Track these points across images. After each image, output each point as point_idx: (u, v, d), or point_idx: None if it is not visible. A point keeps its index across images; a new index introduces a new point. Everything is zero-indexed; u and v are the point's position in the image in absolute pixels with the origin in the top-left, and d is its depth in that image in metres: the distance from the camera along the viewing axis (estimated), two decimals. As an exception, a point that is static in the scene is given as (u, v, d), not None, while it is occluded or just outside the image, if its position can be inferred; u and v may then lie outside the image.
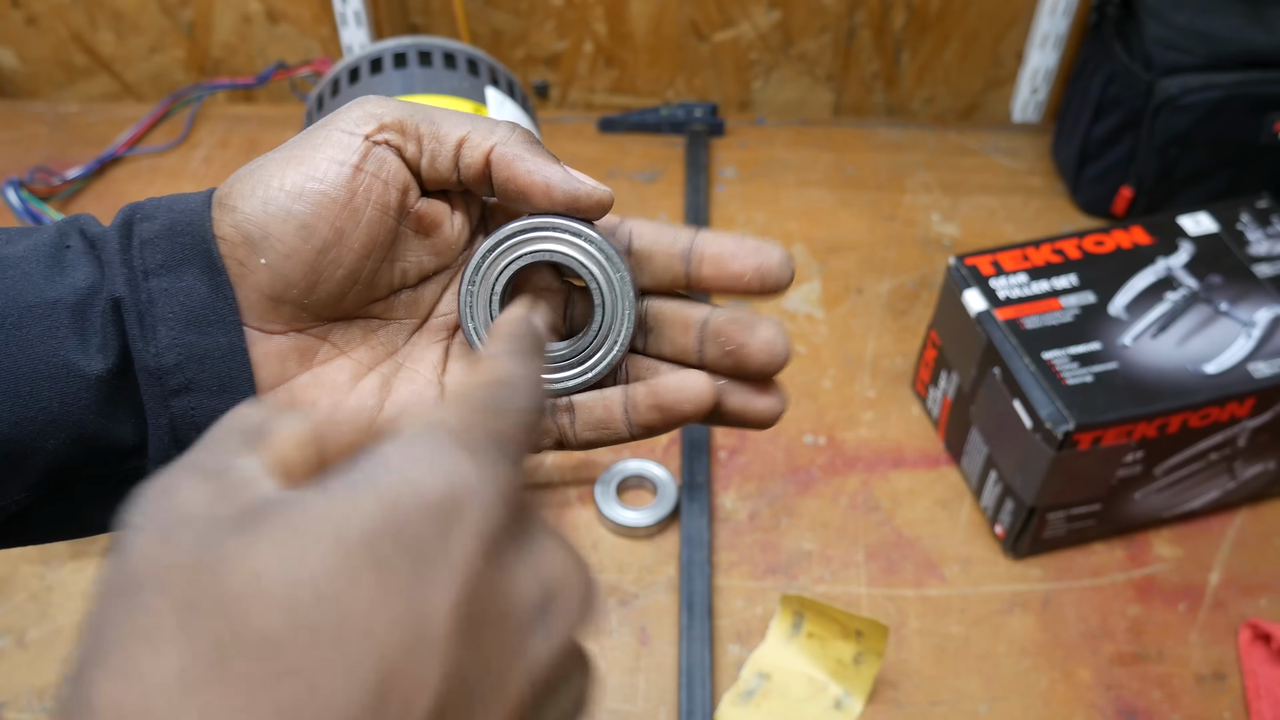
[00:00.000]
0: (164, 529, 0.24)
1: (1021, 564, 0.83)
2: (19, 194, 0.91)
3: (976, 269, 0.84)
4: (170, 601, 0.22)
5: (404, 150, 0.39)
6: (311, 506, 0.24)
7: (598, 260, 0.40)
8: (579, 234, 0.40)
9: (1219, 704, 0.76)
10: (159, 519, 0.24)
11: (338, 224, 0.37)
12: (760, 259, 0.40)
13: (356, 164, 0.38)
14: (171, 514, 0.24)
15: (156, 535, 0.24)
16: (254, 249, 0.37)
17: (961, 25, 1.17)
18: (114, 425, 0.37)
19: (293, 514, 0.23)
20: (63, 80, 1.24)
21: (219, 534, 0.23)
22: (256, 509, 0.24)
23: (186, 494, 0.25)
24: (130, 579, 0.23)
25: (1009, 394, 0.78)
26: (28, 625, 0.78)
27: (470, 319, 0.41)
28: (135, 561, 0.24)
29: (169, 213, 0.38)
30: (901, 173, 1.14)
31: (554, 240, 0.40)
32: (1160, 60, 0.98)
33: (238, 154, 1.13)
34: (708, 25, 1.18)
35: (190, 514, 0.24)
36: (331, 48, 1.19)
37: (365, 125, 0.38)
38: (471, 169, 0.39)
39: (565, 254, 0.40)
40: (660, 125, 1.16)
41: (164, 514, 0.24)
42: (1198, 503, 0.84)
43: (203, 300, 0.37)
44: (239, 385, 0.38)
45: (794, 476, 0.88)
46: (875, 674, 0.75)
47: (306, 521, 0.23)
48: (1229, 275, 0.83)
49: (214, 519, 0.24)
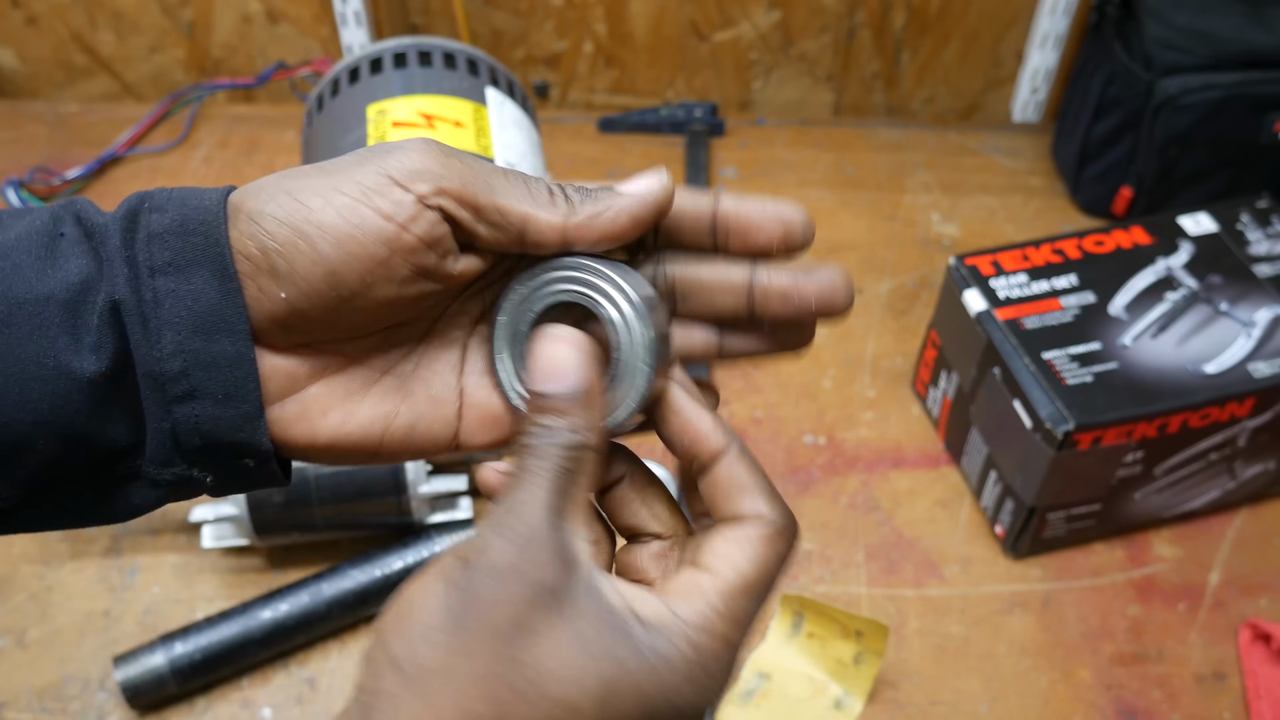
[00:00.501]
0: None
1: (1021, 564, 0.83)
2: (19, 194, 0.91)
3: (976, 269, 0.84)
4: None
5: (459, 219, 0.37)
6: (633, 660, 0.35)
7: (622, 310, 0.39)
8: (607, 278, 0.39)
9: (1219, 704, 0.76)
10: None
11: (368, 278, 0.37)
12: (784, 227, 0.40)
13: (403, 223, 0.36)
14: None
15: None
16: (276, 279, 0.36)
17: (961, 25, 1.17)
18: (107, 427, 0.36)
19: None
20: (63, 80, 1.24)
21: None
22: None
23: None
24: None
25: (1009, 394, 0.78)
26: (28, 625, 0.78)
27: (500, 355, 0.40)
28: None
29: (181, 207, 0.37)
30: (901, 173, 1.14)
31: (580, 282, 0.39)
32: (1160, 60, 0.98)
33: (238, 154, 1.13)
34: (708, 25, 1.18)
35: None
36: (331, 48, 1.19)
37: (422, 184, 0.37)
38: (538, 247, 0.39)
39: (586, 294, 0.39)
40: (660, 125, 1.16)
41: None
42: (1198, 503, 0.84)
43: (211, 305, 0.36)
44: (246, 395, 0.37)
45: (794, 476, 0.88)
46: (875, 674, 0.75)
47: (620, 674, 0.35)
48: (1229, 275, 0.83)
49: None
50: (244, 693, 0.76)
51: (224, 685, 0.76)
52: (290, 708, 0.75)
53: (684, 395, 0.40)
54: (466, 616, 0.34)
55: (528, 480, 0.37)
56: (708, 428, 0.40)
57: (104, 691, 0.75)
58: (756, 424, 0.91)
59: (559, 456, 0.37)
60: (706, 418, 0.40)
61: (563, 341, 0.38)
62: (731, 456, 0.39)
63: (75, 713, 0.74)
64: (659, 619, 0.36)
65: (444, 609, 0.35)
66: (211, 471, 0.38)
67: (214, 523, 0.78)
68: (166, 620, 0.78)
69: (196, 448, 0.37)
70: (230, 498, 0.75)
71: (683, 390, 0.40)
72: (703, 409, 0.40)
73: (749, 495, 0.39)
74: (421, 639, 0.35)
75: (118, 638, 0.77)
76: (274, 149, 1.14)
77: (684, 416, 0.40)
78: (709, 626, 0.37)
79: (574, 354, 0.38)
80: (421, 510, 0.79)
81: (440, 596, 0.35)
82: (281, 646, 0.76)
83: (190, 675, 0.73)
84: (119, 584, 0.81)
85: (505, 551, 0.35)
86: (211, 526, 0.78)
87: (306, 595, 0.76)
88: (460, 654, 0.34)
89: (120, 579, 0.81)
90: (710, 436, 0.40)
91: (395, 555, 0.78)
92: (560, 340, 0.38)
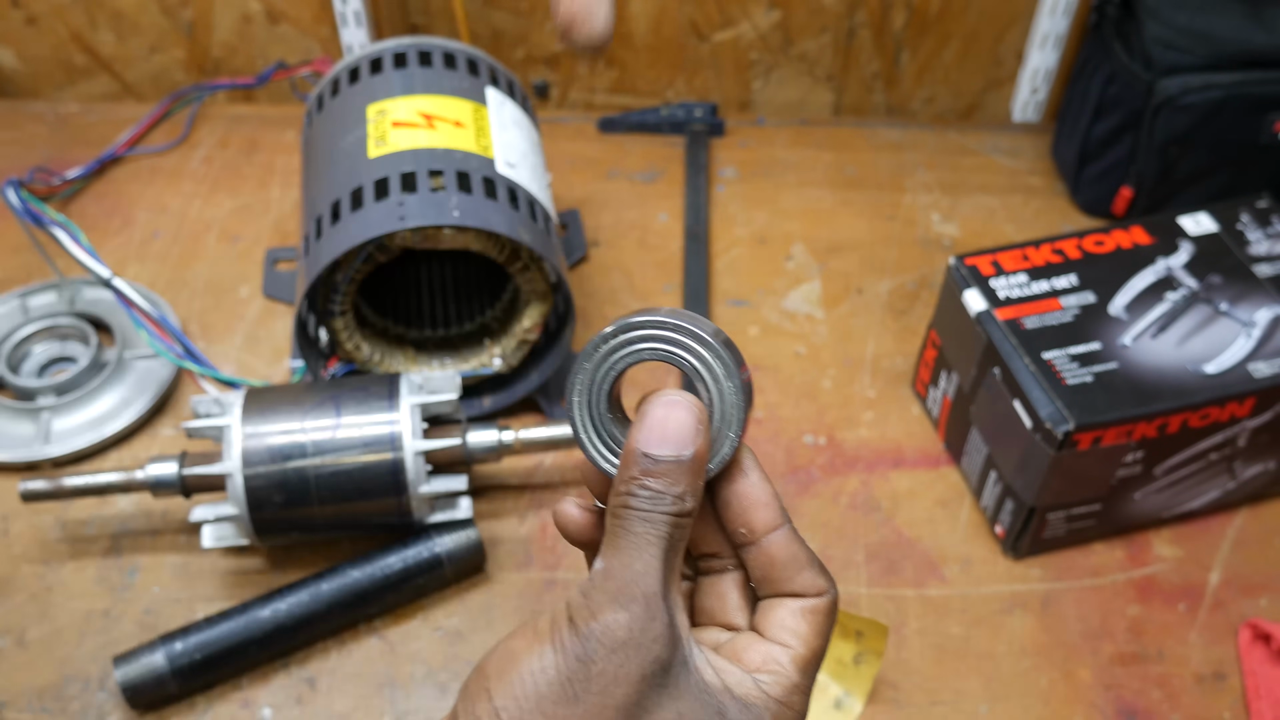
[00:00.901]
0: None
1: (1021, 564, 0.83)
2: (19, 194, 0.91)
3: (976, 269, 0.84)
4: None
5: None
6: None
7: (708, 363, 0.40)
8: (691, 334, 0.39)
9: (1219, 704, 0.76)
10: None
11: None
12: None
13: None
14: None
15: None
16: None
17: (961, 25, 1.17)
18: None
19: None
20: (63, 80, 1.24)
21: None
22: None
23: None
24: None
25: (1009, 394, 0.78)
26: (28, 625, 0.78)
27: (579, 410, 0.41)
28: None
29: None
30: (901, 173, 1.14)
31: (660, 339, 0.40)
32: (1160, 60, 0.98)
33: (238, 154, 1.13)
34: (708, 25, 1.18)
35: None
36: (331, 48, 1.19)
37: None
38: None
39: (672, 353, 0.40)
40: (660, 125, 1.16)
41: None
42: (1198, 503, 0.84)
43: None
44: None
45: (794, 476, 0.88)
46: (875, 674, 0.75)
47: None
48: (1229, 275, 0.83)
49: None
50: (244, 692, 0.76)
51: (224, 685, 0.76)
52: (290, 708, 0.75)
53: (754, 462, 0.41)
54: (584, 689, 0.35)
55: (640, 546, 0.37)
56: (769, 497, 0.41)
57: (104, 691, 0.75)
58: (756, 424, 0.91)
59: (668, 524, 0.38)
60: (769, 489, 0.41)
61: (678, 406, 0.39)
62: (788, 531, 0.41)
63: (75, 713, 0.74)
64: (748, 695, 0.38)
65: (557, 678, 0.36)
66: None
67: (214, 523, 0.78)
68: (166, 620, 0.78)
69: None
70: (230, 497, 0.75)
71: (753, 458, 0.41)
72: (766, 481, 0.41)
73: (808, 570, 0.41)
74: (533, 705, 0.36)
75: (118, 638, 0.77)
76: (274, 149, 1.14)
77: (751, 480, 0.41)
78: (790, 701, 0.39)
79: (690, 420, 0.38)
80: (421, 510, 0.79)
81: (552, 663, 0.36)
82: (281, 646, 0.76)
83: (190, 675, 0.73)
84: (119, 584, 0.81)
85: (624, 623, 0.36)
86: (211, 526, 0.78)
87: (306, 595, 0.76)
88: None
89: (120, 579, 0.81)
90: (770, 507, 0.41)
91: (395, 555, 0.78)
92: (676, 405, 0.39)
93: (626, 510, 0.38)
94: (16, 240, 1.02)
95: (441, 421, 0.81)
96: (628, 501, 0.38)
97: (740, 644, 0.41)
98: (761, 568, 0.41)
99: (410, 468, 0.76)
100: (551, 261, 0.83)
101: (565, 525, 0.42)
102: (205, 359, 0.92)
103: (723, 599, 0.43)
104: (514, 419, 0.90)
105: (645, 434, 0.38)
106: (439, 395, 0.79)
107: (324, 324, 0.85)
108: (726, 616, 0.43)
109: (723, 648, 0.41)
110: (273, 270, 1.01)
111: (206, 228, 1.06)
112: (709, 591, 0.43)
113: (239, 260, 1.02)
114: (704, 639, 0.42)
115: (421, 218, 0.78)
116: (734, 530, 0.41)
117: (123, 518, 0.84)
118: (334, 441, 0.76)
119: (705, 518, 0.42)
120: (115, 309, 0.96)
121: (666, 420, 0.38)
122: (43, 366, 0.94)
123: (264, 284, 1.00)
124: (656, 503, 0.38)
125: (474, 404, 0.89)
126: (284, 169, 1.11)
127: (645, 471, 0.38)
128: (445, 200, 0.80)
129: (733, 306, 1.00)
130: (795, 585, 0.41)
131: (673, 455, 0.38)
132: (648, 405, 0.39)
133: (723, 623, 0.43)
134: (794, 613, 0.40)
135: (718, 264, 1.04)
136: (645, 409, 0.39)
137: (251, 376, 0.92)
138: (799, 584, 0.41)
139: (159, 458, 0.77)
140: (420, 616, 0.79)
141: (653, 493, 0.38)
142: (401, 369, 0.87)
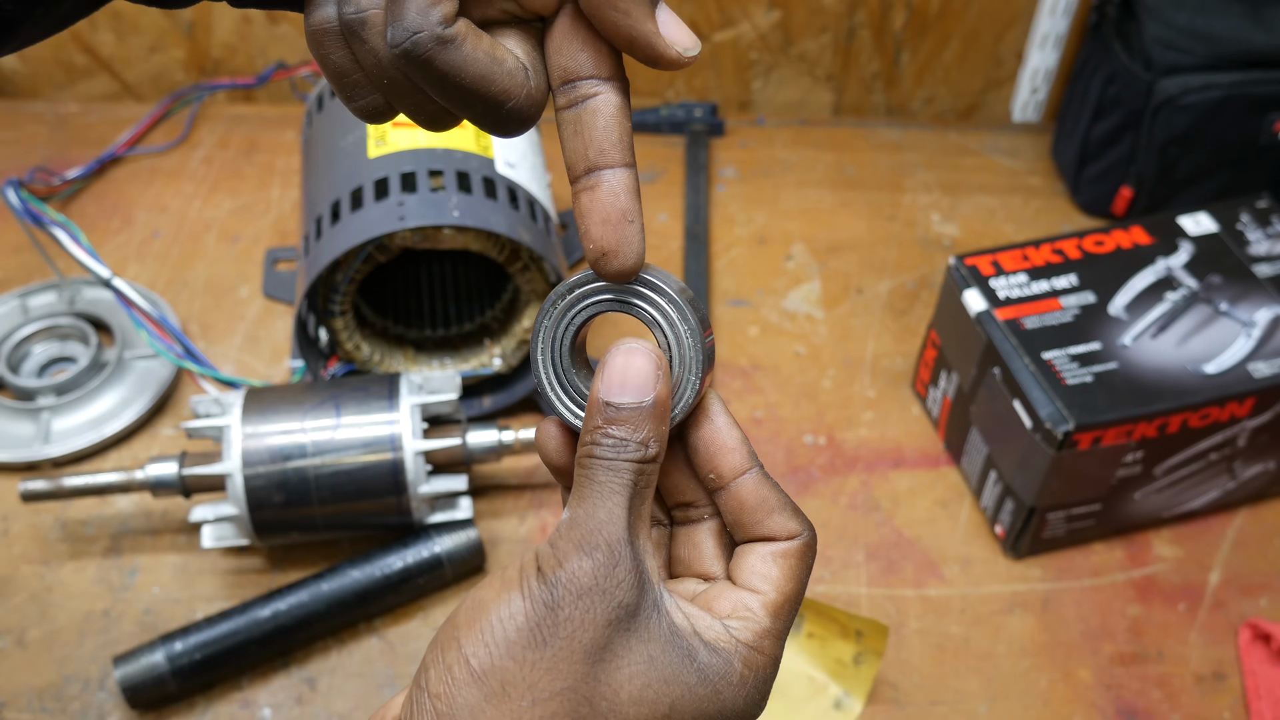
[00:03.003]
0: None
1: (1021, 564, 0.83)
2: (19, 194, 0.91)
3: (976, 269, 0.84)
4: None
5: None
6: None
7: (664, 310, 0.40)
8: (646, 284, 0.40)
9: (1219, 704, 0.76)
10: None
11: None
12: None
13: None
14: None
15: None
16: None
17: (961, 25, 1.17)
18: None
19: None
20: (63, 80, 1.24)
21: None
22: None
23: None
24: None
25: (1009, 394, 0.78)
26: (28, 625, 0.78)
27: (545, 368, 0.41)
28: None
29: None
30: (901, 173, 1.14)
31: (621, 290, 0.40)
32: (1160, 60, 0.98)
33: (237, 154, 1.13)
34: (708, 25, 1.18)
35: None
36: (331, 48, 1.19)
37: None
38: None
39: (633, 304, 0.40)
40: (660, 125, 1.16)
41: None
42: (1198, 503, 0.84)
43: None
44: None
45: (794, 476, 0.88)
46: (875, 674, 0.75)
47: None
48: (1229, 275, 0.83)
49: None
50: (244, 692, 0.76)
51: (224, 685, 0.76)
52: (290, 708, 0.75)
53: (720, 406, 0.41)
54: (551, 634, 0.36)
55: (604, 494, 0.38)
56: (736, 442, 0.41)
57: (104, 691, 0.75)
58: (756, 424, 0.91)
59: (633, 470, 0.38)
60: (736, 433, 0.41)
61: (637, 354, 0.39)
62: (758, 474, 0.41)
63: (75, 713, 0.74)
64: (717, 640, 0.39)
65: (526, 624, 0.36)
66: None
67: (214, 523, 0.78)
68: (166, 620, 0.78)
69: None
70: (230, 497, 0.75)
71: (719, 402, 0.41)
72: (734, 425, 0.41)
73: (779, 513, 0.41)
74: (503, 650, 0.36)
75: (118, 638, 0.77)
76: (274, 149, 1.14)
77: (716, 425, 0.41)
78: (760, 646, 0.39)
79: (648, 365, 0.39)
80: (421, 510, 0.79)
81: (521, 609, 0.36)
82: (281, 646, 0.76)
83: (190, 675, 0.73)
84: (119, 584, 0.81)
85: (588, 570, 0.37)
86: (211, 526, 0.78)
87: (306, 595, 0.76)
88: (545, 671, 0.36)
89: (120, 579, 0.81)
90: (737, 451, 0.41)
91: (395, 555, 0.78)
92: (635, 353, 0.39)
93: (591, 460, 0.38)
94: (16, 240, 1.02)
95: (441, 421, 0.81)
96: (592, 451, 0.38)
97: (714, 592, 0.41)
98: (732, 512, 0.41)
99: (410, 468, 0.76)
100: (551, 261, 0.83)
101: (545, 444, 0.42)
102: (205, 359, 0.92)
103: (698, 548, 0.43)
104: (514, 419, 0.90)
105: (606, 383, 0.39)
106: (439, 395, 0.79)
107: (324, 324, 0.85)
108: (703, 566, 0.43)
109: (698, 597, 0.41)
110: (273, 270, 1.01)
111: (206, 228, 1.06)
112: (685, 541, 0.43)
113: (239, 260, 1.02)
114: (680, 589, 0.42)
115: (421, 218, 0.78)
116: (704, 476, 0.42)
117: (123, 518, 0.84)
118: (334, 442, 0.76)
119: (678, 466, 0.42)
120: (115, 309, 0.96)
121: (626, 368, 0.38)
122: (43, 366, 0.94)
123: (264, 284, 1.00)
124: (620, 450, 0.38)
125: (474, 404, 0.89)
126: (284, 169, 1.11)
127: (609, 420, 0.38)
128: (445, 200, 0.80)
129: (733, 306, 1.00)
130: (766, 529, 0.41)
131: (634, 401, 0.38)
132: (607, 355, 0.39)
133: (699, 572, 0.43)
134: (764, 557, 0.40)
135: (718, 264, 1.04)
136: (605, 359, 0.39)
137: (251, 376, 0.92)
138: (769, 527, 0.41)
139: (159, 458, 0.77)
140: (420, 616, 0.79)
141: (616, 440, 0.38)
142: (401, 369, 0.87)
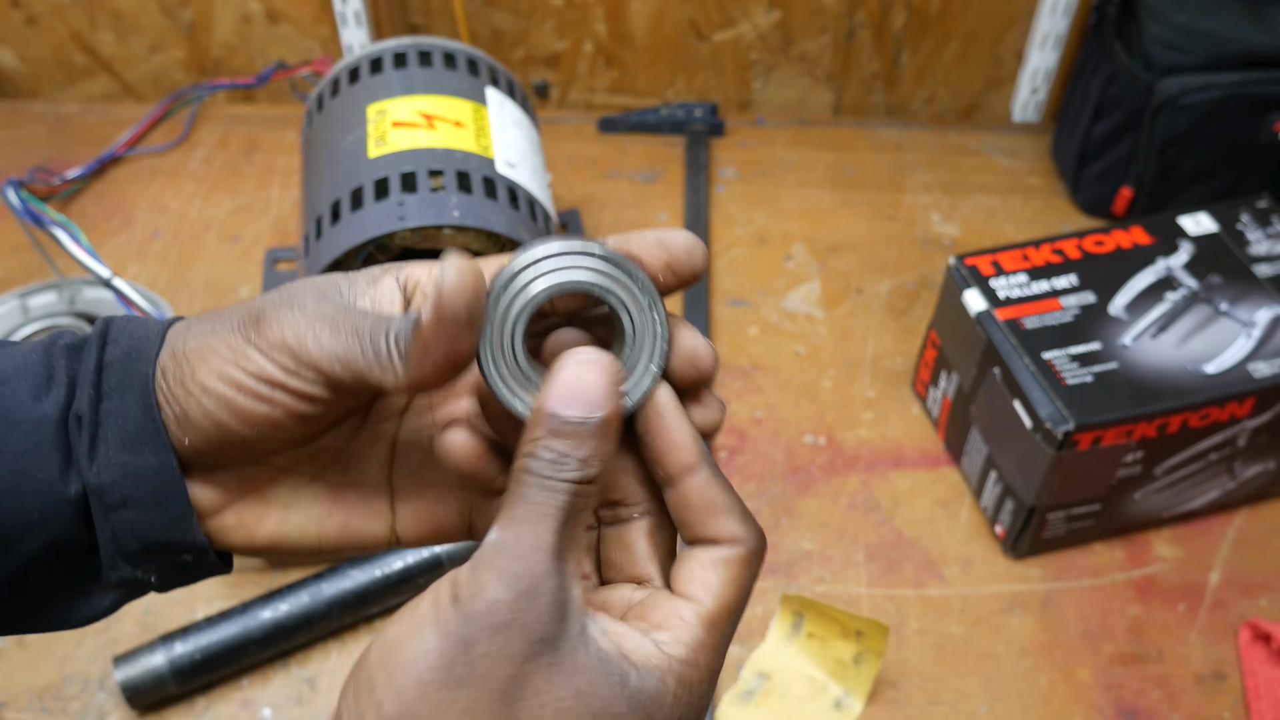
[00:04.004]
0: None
1: (1021, 564, 0.83)
2: (19, 194, 0.91)
3: (976, 269, 0.84)
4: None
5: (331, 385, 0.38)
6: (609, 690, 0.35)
7: (632, 292, 0.38)
8: (593, 255, 0.37)
9: (1219, 704, 0.76)
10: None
11: (257, 429, 0.38)
12: (667, 254, 0.39)
13: (272, 396, 0.38)
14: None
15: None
16: (179, 425, 0.38)
17: (961, 25, 1.17)
18: (88, 532, 0.39)
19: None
20: (63, 80, 1.24)
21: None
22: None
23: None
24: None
25: (1009, 394, 0.78)
26: (28, 625, 0.78)
27: (491, 365, 0.37)
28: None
29: (129, 339, 0.39)
30: (901, 173, 1.14)
31: (572, 269, 0.37)
32: (1160, 60, 0.98)
33: (237, 154, 1.13)
34: (708, 25, 1.18)
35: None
36: (331, 48, 1.19)
37: (285, 358, 0.37)
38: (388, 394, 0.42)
39: (590, 283, 0.37)
40: (660, 125, 1.16)
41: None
42: (1198, 503, 0.84)
43: (137, 421, 0.38)
44: (173, 500, 0.39)
45: (794, 476, 0.88)
46: (875, 674, 0.75)
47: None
48: (1229, 275, 0.83)
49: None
50: (244, 693, 0.76)
51: (224, 685, 0.76)
52: (290, 708, 0.75)
53: (671, 399, 0.39)
54: (463, 672, 0.33)
55: (532, 516, 0.35)
56: (685, 438, 0.38)
57: (104, 691, 0.75)
58: (756, 424, 0.91)
59: (569, 492, 0.35)
60: (686, 429, 0.38)
61: (593, 366, 0.36)
62: (705, 474, 0.38)
63: (75, 713, 0.74)
64: (647, 660, 0.36)
65: (439, 662, 0.33)
66: (154, 571, 0.40)
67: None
68: (166, 620, 0.78)
69: (135, 550, 0.39)
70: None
71: (670, 394, 0.39)
72: (684, 419, 0.38)
73: (724, 516, 0.38)
74: (416, 694, 0.33)
75: (118, 638, 0.77)
76: (274, 149, 1.14)
77: (666, 421, 0.38)
78: (694, 660, 0.36)
79: (603, 381, 0.36)
80: (421, 510, 0.78)
81: (434, 647, 0.34)
82: (281, 646, 0.76)
83: (190, 675, 0.73)
84: (119, 584, 0.81)
85: (504, 601, 0.34)
86: (211, 526, 0.78)
87: (306, 595, 0.76)
88: (460, 714, 0.33)
89: (120, 579, 0.81)
90: (685, 448, 0.38)
91: (395, 555, 0.78)
92: (590, 365, 0.36)
93: (527, 475, 0.35)
94: (16, 240, 1.02)
95: (441, 421, 0.81)
96: (529, 465, 0.35)
97: (650, 601, 0.38)
98: (678, 511, 0.38)
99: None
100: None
101: (449, 455, 0.40)
102: (205, 359, 0.92)
103: (629, 550, 0.40)
104: (514, 419, 0.90)
105: (555, 392, 0.36)
106: (439, 395, 0.79)
107: (324, 324, 0.85)
108: (635, 568, 0.40)
109: (632, 608, 0.38)
110: (273, 270, 1.01)
111: (206, 228, 1.06)
112: (616, 543, 0.40)
113: (239, 260, 1.02)
114: (614, 598, 0.39)
115: (421, 218, 0.78)
116: (652, 470, 0.39)
117: (123, 518, 0.84)
118: (334, 441, 0.76)
119: (615, 461, 0.39)
120: (115, 309, 0.96)
121: (579, 380, 0.36)
122: (43, 366, 0.94)
123: (264, 284, 1.00)
124: (559, 467, 0.35)
125: (474, 404, 0.88)
126: (284, 169, 1.11)
127: (552, 432, 0.35)
128: (445, 200, 0.80)
129: (733, 306, 1.00)
130: (709, 531, 0.38)
131: (580, 417, 0.35)
132: (560, 362, 0.36)
133: (632, 576, 0.40)
134: (704, 563, 0.37)
135: (718, 264, 1.04)
136: (557, 366, 0.36)
137: (251, 376, 0.92)
138: (712, 530, 0.38)
139: (159, 458, 0.77)
140: (420, 616, 0.79)
141: (556, 455, 0.35)
142: (401, 369, 0.87)
